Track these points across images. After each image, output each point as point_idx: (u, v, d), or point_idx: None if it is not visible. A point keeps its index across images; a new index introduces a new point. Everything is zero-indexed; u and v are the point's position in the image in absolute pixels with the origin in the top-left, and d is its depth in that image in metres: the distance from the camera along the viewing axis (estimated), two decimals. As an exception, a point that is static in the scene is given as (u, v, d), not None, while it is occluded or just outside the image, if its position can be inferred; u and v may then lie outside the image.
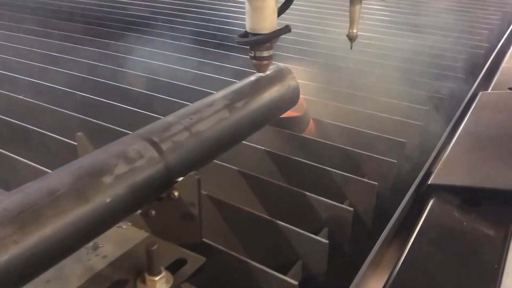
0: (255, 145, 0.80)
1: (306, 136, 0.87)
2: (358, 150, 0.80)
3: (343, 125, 0.89)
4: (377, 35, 1.45)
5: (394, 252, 0.59)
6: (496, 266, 0.54)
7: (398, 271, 0.52)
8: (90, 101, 1.00)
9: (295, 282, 0.53)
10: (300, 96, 0.83)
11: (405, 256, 0.55)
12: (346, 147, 0.81)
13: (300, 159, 0.77)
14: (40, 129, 0.85)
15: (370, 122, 0.89)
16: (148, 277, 0.52)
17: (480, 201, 0.65)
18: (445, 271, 0.54)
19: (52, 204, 0.47)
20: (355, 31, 0.77)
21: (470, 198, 0.66)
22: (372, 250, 0.56)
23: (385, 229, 0.61)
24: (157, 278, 0.52)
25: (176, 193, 0.56)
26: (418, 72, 1.16)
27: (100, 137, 0.65)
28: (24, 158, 0.74)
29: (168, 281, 0.53)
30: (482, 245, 0.59)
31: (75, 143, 0.58)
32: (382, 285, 0.51)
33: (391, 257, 0.58)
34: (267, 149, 0.79)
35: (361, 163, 0.78)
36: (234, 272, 0.56)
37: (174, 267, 0.55)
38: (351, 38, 0.78)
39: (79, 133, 0.60)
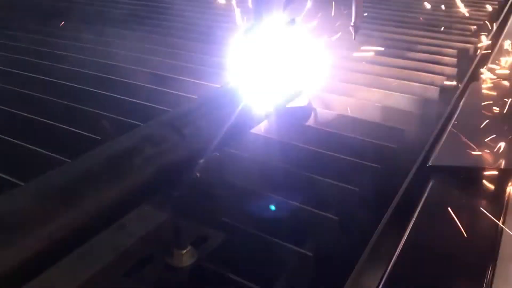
0: (264, 135, 0.84)
1: (310, 125, 0.92)
2: (359, 137, 0.84)
3: (344, 114, 0.94)
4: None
5: (396, 234, 0.62)
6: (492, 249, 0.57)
7: (399, 253, 0.56)
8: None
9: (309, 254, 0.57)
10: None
11: (406, 238, 0.58)
12: (348, 135, 0.86)
13: (308, 146, 0.81)
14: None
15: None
16: (175, 252, 0.56)
17: (476, 180, 0.70)
18: (445, 251, 0.58)
19: (87, 183, 0.51)
20: (358, 22, 0.82)
21: (467, 177, 0.71)
22: (376, 230, 0.60)
23: (389, 208, 0.65)
24: (183, 252, 0.56)
25: (198, 174, 0.60)
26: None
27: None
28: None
29: (193, 255, 0.57)
30: (480, 224, 0.63)
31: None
32: (386, 267, 0.55)
33: (393, 239, 0.61)
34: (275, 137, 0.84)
35: (363, 149, 0.83)
36: (252, 248, 0.61)
37: (197, 243, 0.59)
38: (355, 29, 0.82)
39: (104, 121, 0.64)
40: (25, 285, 0.45)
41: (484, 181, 0.70)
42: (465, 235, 0.59)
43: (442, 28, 1.53)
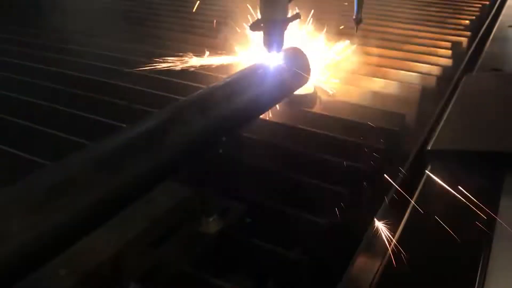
0: (274, 121, 0.90)
1: (315, 111, 0.98)
2: (363, 121, 0.91)
3: (347, 100, 1.00)
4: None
5: (396, 215, 0.68)
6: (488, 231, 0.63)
7: (399, 236, 0.61)
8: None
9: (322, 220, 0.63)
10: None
11: (406, 220, 0.64)
12: (352, 119, 0.92)
13: (314, 130, 0.87)
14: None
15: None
16: (203, 219, 0.62)
17: (475, 163, 0.76)
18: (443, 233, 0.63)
19: (126, 155, 0.56)
20: (360, 15, 0.87)
21: (466, 160, 0.77)
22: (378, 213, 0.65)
23: (390, 191, 0.71)
24: (210, 220, 0.61)
25: (220, 151, 0.66)
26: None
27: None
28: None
29: (219, 223, 0.63)
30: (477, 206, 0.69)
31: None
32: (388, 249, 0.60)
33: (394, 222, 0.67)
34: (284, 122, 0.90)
35: (366, 132, 0.89)
36: (270, 219, 0.66)
37: (221, 213, 0.65)
38: (357, 22, 0.88)
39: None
40: (73, 245, 0.51)
41: (483, 164, 0.76)
42: (462, 219, 0.64)
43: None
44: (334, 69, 1.10)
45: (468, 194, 0.71)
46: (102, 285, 0.53)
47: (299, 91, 0.96)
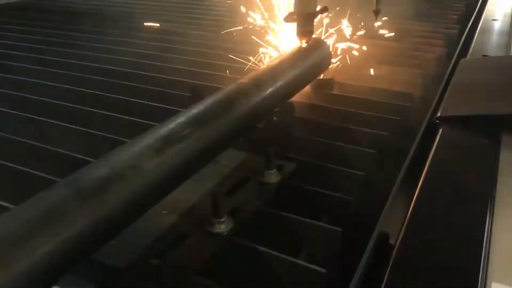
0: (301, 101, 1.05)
1: (334, 92, 1.13)
2: (378, 100, 1.06)
3: (362, 84, 1.16)
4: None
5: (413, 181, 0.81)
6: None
7: (415, 202, 0.74)
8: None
9: (361, 173, 0.78)
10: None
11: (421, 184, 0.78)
12: (368, 98, 1.07)
13: (335, 107, 1.03)
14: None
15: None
16: (266, 172, 0.76)
17: (476, 125, 0.92)
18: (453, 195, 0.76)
19: (207, 118, 0.70)
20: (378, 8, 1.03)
21: (469, 123, 0.92)
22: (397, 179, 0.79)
23: (407, 156, 0.85)
24: (272, 172, 0.76)
25: (275, 118, 0.81)
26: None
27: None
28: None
29: (278, 175, 0.77)
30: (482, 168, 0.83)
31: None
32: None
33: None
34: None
35: (381, 108, 1.04)
36: (316, 174, 0.81)
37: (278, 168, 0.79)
38: (376, 13, 1.04)
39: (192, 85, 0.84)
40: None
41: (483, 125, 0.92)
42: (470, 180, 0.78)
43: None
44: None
45: (472, 151, 0.86)
46: (194, 222, 0.67)
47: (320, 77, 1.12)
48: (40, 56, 1.46)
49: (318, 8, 0.94)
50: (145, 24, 1.63)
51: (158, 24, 1.65)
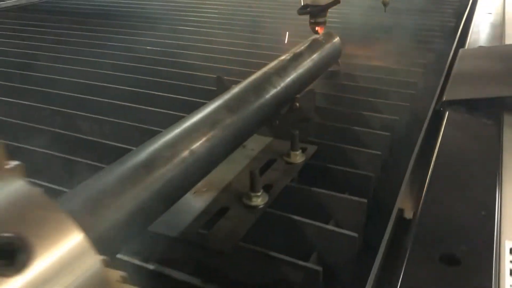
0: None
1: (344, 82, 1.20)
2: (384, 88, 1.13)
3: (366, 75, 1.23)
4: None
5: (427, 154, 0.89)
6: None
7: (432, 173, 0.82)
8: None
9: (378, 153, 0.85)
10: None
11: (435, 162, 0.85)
12: (375, 86, 1.15)
13: (349, 95, 1.10)
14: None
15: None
16: (292, 153, 0.83)
17: (479, 107, 0.99)
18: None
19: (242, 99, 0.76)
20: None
21: (472, 105, 1.00)
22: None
23: (418, 141, 0.93)
24: (297, 152, 0.83)
25: (297, 104, 0.87)
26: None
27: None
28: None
29: (302, 156, 0.84)
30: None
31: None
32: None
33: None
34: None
35: (389, 95, 1.11)
36: (334, 155, 0.88)
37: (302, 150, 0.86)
38: (385, 4, 1.11)
39: (218, 75, 0.91)
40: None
41: (484, 106, 0.99)
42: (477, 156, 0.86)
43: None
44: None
45: (477, 130, 0.94)
46: (232, 197, 0.73)
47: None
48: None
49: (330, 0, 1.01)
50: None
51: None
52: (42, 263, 0.35)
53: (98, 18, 2.03)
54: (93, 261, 0.38)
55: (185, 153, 0.61)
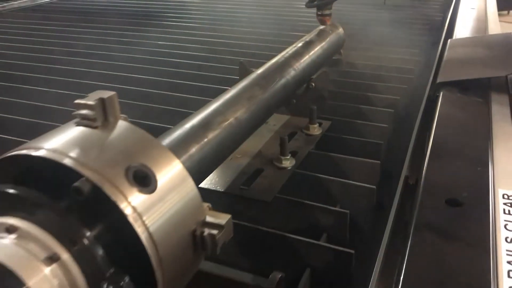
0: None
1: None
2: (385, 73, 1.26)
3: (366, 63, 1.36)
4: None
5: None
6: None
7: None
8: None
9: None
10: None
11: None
12: (377, 73, 1.27)
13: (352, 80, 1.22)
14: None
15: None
16: (310, 126, 0.95)
17: (469, 87, 1.12)
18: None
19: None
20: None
21: (463, 85, 1.13)
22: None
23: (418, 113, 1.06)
24: (315, 126, 0.95)
25: (313, 84, 0.99)
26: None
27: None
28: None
29: (320, 129, 0.96)
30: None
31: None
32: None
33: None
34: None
35: (389, 80, 1.24)
36: (344, 129, 1.00)
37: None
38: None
39: (241, 60, 1.02)
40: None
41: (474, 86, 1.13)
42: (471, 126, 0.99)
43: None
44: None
45: (469, 106, 1.07)
46: (265, 161, 0.85)
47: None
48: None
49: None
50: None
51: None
52: (162, 185, 0.46)
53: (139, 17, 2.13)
54: (192, 185, 0.49)
55: (232, 119, 0.72)
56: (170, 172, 0.47)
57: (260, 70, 0.90)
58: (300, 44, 1.06)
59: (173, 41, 1.67)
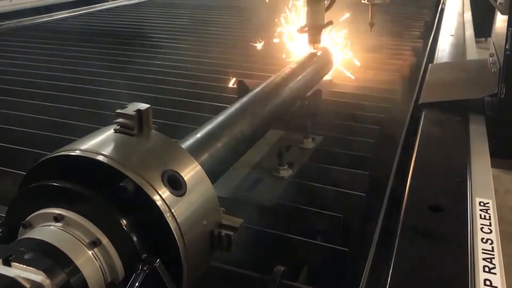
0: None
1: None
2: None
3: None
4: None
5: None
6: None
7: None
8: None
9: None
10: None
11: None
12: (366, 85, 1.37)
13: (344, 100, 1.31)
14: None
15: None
16: (305, 140, 1.03)
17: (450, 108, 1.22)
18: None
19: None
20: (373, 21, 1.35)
21: (444, 106, 1.22)
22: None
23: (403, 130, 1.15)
24: (309, 140, 1.03)
25: (307, 102, 1.07)
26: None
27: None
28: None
29: (313, 143, 1.04)
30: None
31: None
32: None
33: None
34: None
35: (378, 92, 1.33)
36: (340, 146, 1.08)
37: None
38: (371, 25, 1.35)
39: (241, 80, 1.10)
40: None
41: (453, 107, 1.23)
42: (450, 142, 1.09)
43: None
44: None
45: (449, 125, 1.16)
46: (263, 171, 0.92)
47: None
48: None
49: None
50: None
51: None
52: (189, 189, 0.53)
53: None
54: (212, 191, 0.56)
55: (237, 132, 0.80)
56: (195, 178, 0.55)
57: (259, 88, 0.98)
58: (294, 66, 1.15)
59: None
